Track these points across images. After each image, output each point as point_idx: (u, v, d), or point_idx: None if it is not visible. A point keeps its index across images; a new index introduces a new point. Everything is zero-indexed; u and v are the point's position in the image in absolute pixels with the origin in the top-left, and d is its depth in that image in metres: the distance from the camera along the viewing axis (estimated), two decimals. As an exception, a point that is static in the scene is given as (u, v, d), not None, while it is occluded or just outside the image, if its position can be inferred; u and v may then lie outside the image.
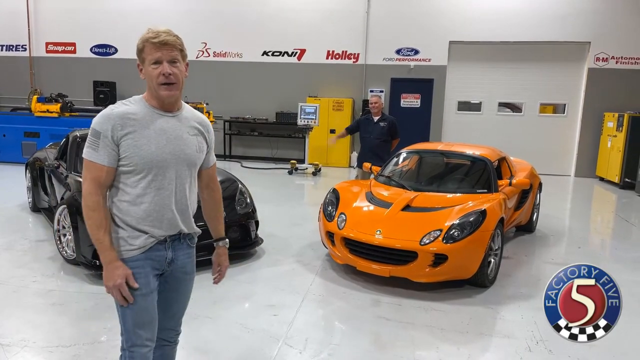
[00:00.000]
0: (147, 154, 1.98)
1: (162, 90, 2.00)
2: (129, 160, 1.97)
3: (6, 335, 3.44)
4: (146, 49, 1.99)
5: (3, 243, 5.45)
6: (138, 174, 2.00)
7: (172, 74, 1.99)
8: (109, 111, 1.98)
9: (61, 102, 10.93)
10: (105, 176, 1.98)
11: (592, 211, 9.12)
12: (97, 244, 1.97)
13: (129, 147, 1.96)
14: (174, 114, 2.09)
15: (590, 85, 11.66)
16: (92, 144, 1.97)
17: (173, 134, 2.05)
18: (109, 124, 1.95)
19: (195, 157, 2.13)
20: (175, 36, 2.03)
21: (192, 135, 2.13)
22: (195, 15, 12.90)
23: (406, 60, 12.33)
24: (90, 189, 1.97)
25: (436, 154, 6.12)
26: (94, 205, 1.96)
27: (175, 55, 2.01)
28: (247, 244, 5.22)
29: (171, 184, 2.05)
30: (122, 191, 2.03)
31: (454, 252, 4.21)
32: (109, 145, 1.95)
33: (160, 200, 2.03)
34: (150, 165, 1.99)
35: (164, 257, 2.11)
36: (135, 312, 2.05)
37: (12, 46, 14.00)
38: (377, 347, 3.50)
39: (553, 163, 11.94)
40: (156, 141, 2.00)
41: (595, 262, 5.67)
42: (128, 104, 2.03)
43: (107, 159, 1.96)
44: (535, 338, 3.62)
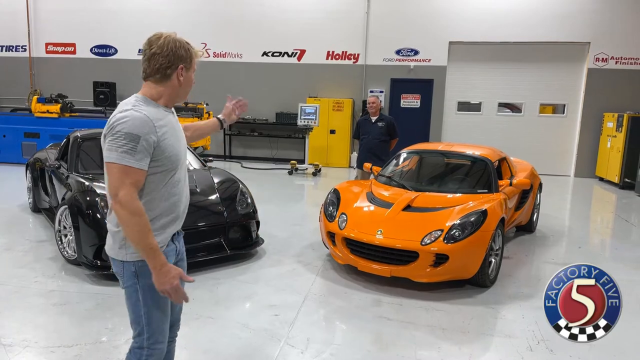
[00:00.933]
0: (178, 151, 2.10)
1: (186, 95, 2.19)
2: (164, 160, 2.02)
3: (8, 335, 3.44)
4: (195, 59, 2.16)
5: (4, 243, 5.45)
6: (170, 171, 2.07)
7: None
8: (141, 114, 1.96)
9: (61, 103, 10.93)
10: (142, 180, 1.98)
11: (592, 211, 9.13)
12: (147, 250, 1.93)
13: (165, 149, 2.00)
14: (172, 110, 2.20)
15: (590, 85, 11.67)
16: (129, 149, 1.90)
17: (179, 130, 2.20)
18: (147, 127, 1.94)
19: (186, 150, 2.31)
20: None
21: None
22: (196, 15, 12.91)
23: (406, 60, 12.34)
24: (131, 194, 1.92)
25: (437, 154, 6.12)
26: (139, 211, 1.93)
27: None
28: (248, 244, 5.22)
29: (185, 174, 2.21)
30: (151, 189, 2.03)
31: (455, 252, 4.22)
32: (147, 149, 1.94)
33: (181, 191, 2.16)
34: (178, 163, 2.10)
35: (175, 250, 2.19)
36: (162, 310, 2.11)
37: (11, 47, 14.00)
38: (378, 347, 3.51)
39: (553, 163, 11.95)
40: (179, 138, 2.14)
41: (596, 262, 5.68)
42: (144, 106, 2.01)
43: (145, 163, 1.96)
44: (536, 338, 3.62)
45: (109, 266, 4.37)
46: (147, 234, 1.92)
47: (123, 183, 1.91)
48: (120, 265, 2.07)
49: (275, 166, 12.10)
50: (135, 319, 2.10)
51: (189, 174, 2.42)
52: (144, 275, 2.03)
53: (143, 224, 1.92)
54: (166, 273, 1.95)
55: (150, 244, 1.92)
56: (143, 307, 2.08)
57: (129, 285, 2.07)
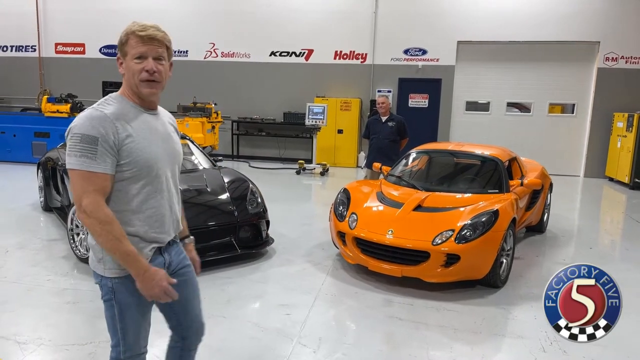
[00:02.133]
0: (150, 156, 1.86)
1: (143, 88, 1.86)
2: (132, 165, 1.82)
3: (22, 333, 3.48)
4: (130, 41, 1.84)
5: (16, 242, 5.50)
6: (141, 179, 1.86)
7: (156, 71, 1.85)
8: (100, 113, 1.78)
9: (71, 103, 11.01)
10: (109, 186, 1.80)
11: (602, 212, 9.07)
12: (124, 257, 1.80)
13: (132, 151, 1.81)
14: (156, 112, 1.99)
15: (599, 85, 11.59)
16: (87, 152, 1.74)
17: (164, 133, 1.97)
18: (106, 127, 1.76)
19: (181, 155, 2.09)
20: (164, 32, 1.90)
21: (174, 134, 2.07)
22: (204, 15, 12.96)
23: (414, 60, 12.31)
24: (97, 201, 1.76)
25: (447, 154, 6.11)
26: (107, 218, 1.77)
27: (162, 52, 1.88)
28: (259, 244, 5.23)
29: (169, 185, 1.98)
30: (121, 200, 1.86)
31: (467, 252, 4.21)
32: (109, 150, 1.76)
33: (163, 204, 1.95)
34: (153, 168, 1.88)
35: (163, 262, 2.01)
36: (138, 325, 1.99)
37: (21, 47, 14.11)
38: (390, 347, 3.51)
39: (562, 163, 11.88)
40: (155, 142, 1.89)
41: (606, 263, 5.66)
42: (112, 104, 1.85)
43: (109, 166, 1.78)
44: (549, 339, 3.60)
45: (121, 265, 4.39)
46: (120, 241, 1.78)
47: (86, 190, 1.75)
48: (98, 278, 1.97)
49: (282, 166, 12.11)
50: (112, 332, 2.01)
51: (198, 173, 2.33)
52: (120, 292, 1.92)
53: (114, 231, 1.77)
54: (150, 278, 1.83)
55: (126, 251, 1.78)
56: (119, 323, 1.97)
57: (106, 300, 1.96)
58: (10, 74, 14.09)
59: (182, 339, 2.24)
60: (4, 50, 14.20)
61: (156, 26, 1.88)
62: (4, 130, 11.10)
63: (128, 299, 1.92)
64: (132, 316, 1.96)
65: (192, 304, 2.20)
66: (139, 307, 1.96)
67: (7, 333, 3.46)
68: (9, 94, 14.23)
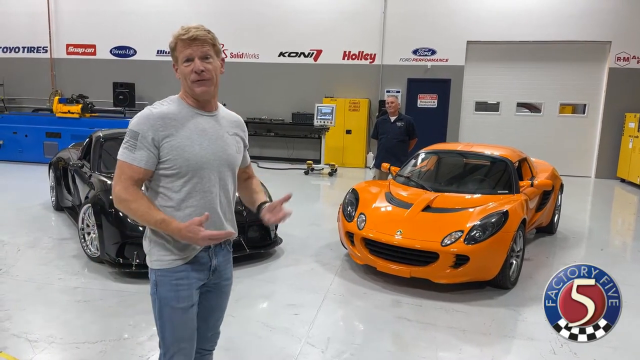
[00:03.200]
0: (191, 156, 1.89)
1: (196, 87, 1.91)
2: (172, 162, 1.88)
3: (33, 331, 3.51)
4: (178, 46, 1.91)
5: (28, 241, 5.56)
6: (182, 177, 1.90)
7: (204, 70, 1.90)
8: (148, 112, 1.90)
9: (82, 103, 11.13)
10: (142, 179, 1.90)
11: (613, 213, 8.97)
12: (158, 225, 1.86)
13: (172, 149, 1.87)
14: (212, 114, 2.02)
15: (611, 85, 11.47)
16: (129, 146, 1.87)
17: (214, 135, 1.98)
18: (148, 124, 1.86)
19: (235, 158, 2.06)
20: (207, 31, 1.93)
21: (231, 136, 2.05)
22: (213, 16, 12.99)
23: (423, 60, 12.27)
24: (126, 187, 1.86)
25: (456, 154, 6.08)
26: (134, 196, 1.85)
27: (207, 50, 1.91)
28: (267, 244, 5.24)
29: (215, 186, 1.97)
30: (164, 196, 1.94)
31: (476, 253, 4.18)
32: (148, 146, 1.86)
33: (205, 204, 1.94)
34: (195, 168, 1.90)
35: (208, 265, 2.02)
36: (175, 327, 1.99)
37: (33, 48, 14.26)
38: (399, 347, 3.50)
39: (573, 164, 11.77)
40: (199, 142, 1.92)
41: (618, 264, 5.60)
42: (166, 104, 1.94)
43: (144, 160, 1.86)
44: (559, 341, 3.56)
45: (131, 264, 4.43)
46: (149, 214, 1.85)
47: (119, 179, 1.88)
48: (151, 274, 2.01)
49: (291, 166, 12.13)
50: (157, 330, 2.03)
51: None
52: (162, 286, 1.96)
53: (141, 206, 1.85)
54: (186, 236, 1.84)
55: (156, 220, 1.85)
56: (158, 321, 2.00)
57: (152, 293, 2.01)
58: (22, 75, 14.24)
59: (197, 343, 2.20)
60: (16, 51, 14.36)
61: (198, 26, 1.91)
62: (16, 130, 11.23)
63: (169, 293, 1.95)
64: (171, 316, 1.97)
65: (214, 315, 2.19)
66: (179, 303, 1.96)
67: (18, 331, 3.50)
68: (21, 94, 14.39)
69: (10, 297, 4.07)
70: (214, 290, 2.12)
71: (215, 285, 2.10)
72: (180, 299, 1.96)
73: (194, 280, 1.99)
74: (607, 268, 5.25)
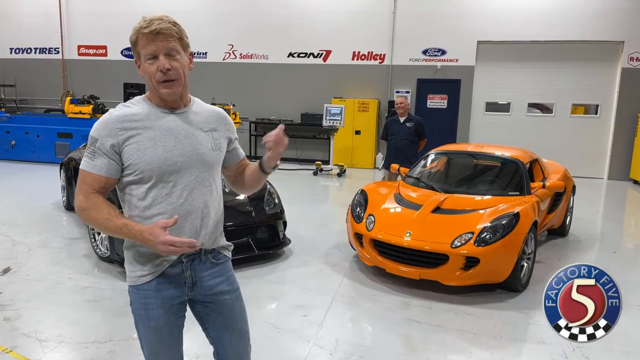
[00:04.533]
0: (154, 159, 1.73)
1: (162, 89, 1.74)
2: (134, 167, 1.73)
3: (43, 330, 3.53)
4: (140, 41, 1.72)
5: (39, 241, 5.61)
6: (145, 183, 1.75)
7: (170, 68, 1.71)
8: (108, 116, 1.76)
9: (93, 104, 11.22)
10: (104, 187, 1.75)
11: (626, 215, 8.84)
12: (119, 232, 1.69)
13: (132, 153, 1.72)
14: (182, 111, 1.82)
15: (624, 85, 11.32)
16: (89, 153, 1.74)
17: (182, 133, 1.79)
18: (106, 129, 1.72)
19: (211, 157, 1.85)
20: (172, 22, 1.75)
21: (205, 132, 1.85)
22: (223, 17, 13.06)
23: (433, 60, 12.20)
24: (85, 193, 1.73)
25: (466, 155, 6.02)
26: (94, 203, 1.71)
27: (173, 45, 1.72)
28: (276, 244, 5.23)
29: (185, 190, 1.78)
30: (130, 204, 1.80)
31: (486, 255, 4.14)
32: (107, 153, 1.72)
33: (175, 211, 1.75)
34: (159, 171, 1.73)
35: (183, 280, 1.85)
36: (149, 343, 1.88)
37: (45, 49, 14.42)
38: (408, 350, 3.47)
39: (585, 165, 11.63)
40: (163, 143, 1.74)
41: (631, 267, 5.51)
42: (129, 106, 1.80)
43: (104, 168, 1.73)
44: (571, 345, 3.51)
45: (140, 264, 4.44)
46: (108, 220, 1.70)
47: (80, 188, 1.75)
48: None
49: (300, 167, 12.12)
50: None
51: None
52: (134, 303, 1.87)
53: (101, 213, 1.70)
54: (148, 238, 1.64)
55: (117, 226, 1.69)
56: (138, 335, 1.91)
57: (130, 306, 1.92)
58: (34, 76, 14.41)
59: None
60: (28, 52, 14.53)
61: (162, 17, 1.73)
62: (28, 130, 11.36)
63: (140, 311, 1.84)
64: (145, 331, 1.86)
65: (229, 338, 1.98)
66: (150, 322, 1.83)
67: (28, 330, 3.52)
68: (33, 95, 14.56)
69: (20, 297, 4.10)
70: (211, 306, 1.93)
71: (211, 300, 1.92)
72: (151, 319, 1.83)
73: (161, 300, 1.82)
74: (619, 271, 5.20)
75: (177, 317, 1.88)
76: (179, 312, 1.88)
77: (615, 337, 3.55)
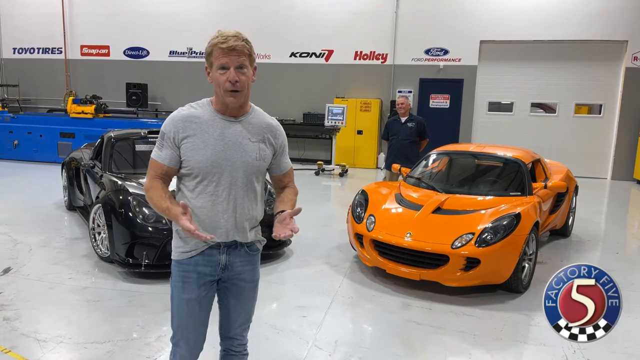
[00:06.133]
0: (203, 159, 1.98)
1: (227, 97, 1.97)
2: (186, 163, 2.01)
3: (42, 330, 3.53)
4: (214, 53, 1.95)
5: (40, 240, 5.61)
6: (194, 178, 2.02)
7: (238, 81, 1.95)
8: (175, 113, 2.04)
9: (95, 104, 11.24)
10: (167, 175, 2.05)
11: (630, 215, 8.80)
12: (165, 213, 1.99)
13: (187, 150, 1.99)
14: (238, 119, 2.05)
15: (627, 85, 11.26)
16: (158, 145, 2.04)
17: (232, 140, 2.01)
18: (172, 125, 2.01)
19: (253, 165, 2.05)
20: (244, 41, 1.97)
21: (253, 142, 2.06)
22: (224, 17, 13.03)
23: (435, 60, 12.18)
24: (150, 178, 2.04)
25: (467, 155, 6.00)
26: (153, 186, 2.02)
27: (243, 61, 1.97)
28: (276, 245, 5.22)
29: (225, 191, 2.02)
30: (182, 193, 2.08)
31: (487, 256, 4.12)
32: (171, 146, 2.01)
33: (213, 207, 2.02)
34: (205, 171, 1.99)
35: (217, 262, 2.09)
36: (180, 315, 2.13)
37: (48, 49, 14.46)
38: (408, 351, 3.45)
39: (588, 165, 11.58)
40: (213, 146, 1.99)
41: (635, 269, 5.46)
42: (195, 107, 2.05)
43: (168, 158, 2.02)
44: (572, 346, 3.49)
45: (140, 264, 4.45)
46: (159, 201, 1.99)
47: (148, 174, 2.07)
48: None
49: (302, 167, 12.10)
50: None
51: None
52: (173, 275, 2.13)
53: (155, 196, 2.00)
54: (179, 223, 1.89)
55: (163, 207, 1.98)
56: (171, 305, 2.15)
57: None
58: (37, 76, 14.46)
59: (222, 340, 2.34)
60: (31, 52, 14.58)
61: (237, 35, 1.96)
62: (30, 130, 11.38)
63: (178, 283, 2.10)
64: (179, 303, 2.12)
65: (231, 314, 2.24)
66: (184, 294, 2.09)
67: (27, 330, 3.52)
68: (36, 95, 14.61)
69: (20, 297, 4.10)
70: (231, 288, 2.18)
71: (232, 283, 2.16)
72: (186, 290, 2.08)
73: (197, 275, 2.08)
74: (622, 272, 5.17)
75: (207, 295, 2.13)
76: (210, 290, 2.14)
77: (617, 338, 3.53)
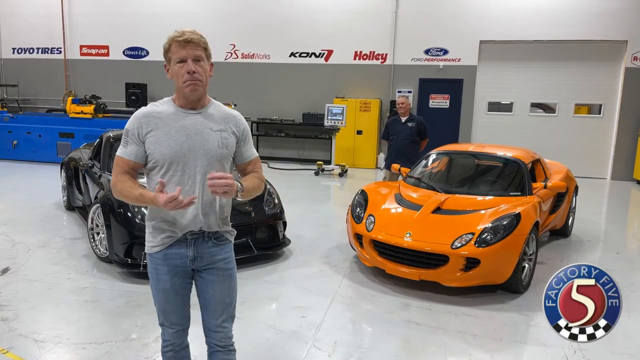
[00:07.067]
0: (167, 150, 2.08)
1: (186, 88, 2.06)
2: (152, 156, 2.10)
3: (40, 331, 3.52)
4: (172, 47, 2.06)
5: (39, 240, 5.60)
6: (160, 170, 2.11)
7: (196, 71, 2.04)
8: (138, 112, 2.15)
9: (95, 104, 11.22)
10: (133, 170, 2.13)
11: (630, 216, 8.78)
12: (139, 201, 2.07)
13: (151, 144, 2.09)
14: (198, 111, 2.15)
15: (627, 85, 11.25)
16: (123, 142, 2.14)
17: (193, 130, 2.11)
18: (135, 122, 2.11)
19: (217, 152, 2.14)
20: (200, 35, 2.08)
21: (215, 131, 2.15)
22: (224, 17, 13.04)
23: (435, 60, 12.16)
24: (116, 173, 2.12)
25: (467, 155, 5.98)
26: (121, 179, 2.09)
27: (199, 54, 2.06)
28: (275, 245, 5.21)
29: (191, 179, 2.11)
30: (151, 187, 2.15)
31: (487, 256, 4.10)
32: (136, 142, 2.10)
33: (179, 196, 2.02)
34: (170, 161, 2.08)
35: (185, 254, 2.18)
36: (159, 301, 2.26)
37: (47, 49, 14.44)
38: (407, 352, 3.44)
39: (588, 165, 11.56)
40: (175, 137, 2.09)
41: (635, 269, 5.45)
42: (157, 105, 2.17)
43: (133, 154, 2.10)
44: (572, 347, 3.48)
45: (139, 264, 4.44)
46: (130, 190, 2.07)
47: (114, 171, 2.15)
48: None
49: (301, 167, 12.10)
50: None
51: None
52: (149, 267, 2.25)
53: (124, 187, 2.08)
54: (157, 202, 1.96)
55: (136, 195, 2.06)
56: (152, 294, 2.29)
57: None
58: (36, 76, 14.43)
59: (206, 336, 2.35)
60: (31, 52, 14.55)
61: (192, 31, 2.07)
62: (30, 130, 11.36)
63: (152, 274, 2.23)
64: (156, 292, 2.24)
65: (214, 306, 2.27)
66: (159, 284, 2.21)
67: (26, 331, 3.51)
68: (36, 95, 14.59)
69: (19, 297, 4.09)
70: (207, 277, 2.24)
71: (207, 272, 2.23)
72: (160, 281, 2.21)
73: (171, 266, 2.19)
74: (623, 273, 5.16)
75: (183, 283, 2.23)
76: (184, 279, 2.23)
77: (617, 338, 3.51)
